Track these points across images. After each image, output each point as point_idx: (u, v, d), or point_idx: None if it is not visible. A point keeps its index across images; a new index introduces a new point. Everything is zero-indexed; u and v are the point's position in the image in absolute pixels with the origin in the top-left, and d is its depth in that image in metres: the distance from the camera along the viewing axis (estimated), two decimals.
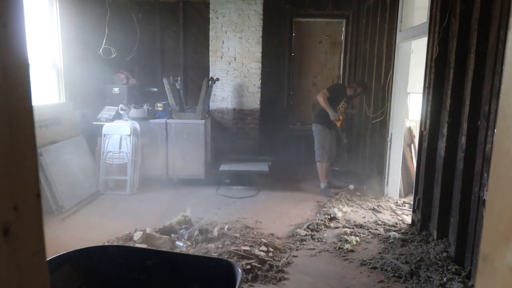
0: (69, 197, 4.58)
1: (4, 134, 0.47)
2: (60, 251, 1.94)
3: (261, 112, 6.42)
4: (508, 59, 0.48)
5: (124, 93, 5.84)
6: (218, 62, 6.28)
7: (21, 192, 0.50)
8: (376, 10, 5.61)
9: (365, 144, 6.12)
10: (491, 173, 0.51)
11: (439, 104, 3.63)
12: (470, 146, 3.10)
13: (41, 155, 4.31)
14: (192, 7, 6.55)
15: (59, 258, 1.88)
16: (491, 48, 2.85)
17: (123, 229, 3.80)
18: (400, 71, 4.81)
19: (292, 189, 5.55)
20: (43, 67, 4.93)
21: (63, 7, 5.04)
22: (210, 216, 4.38)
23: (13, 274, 0.48)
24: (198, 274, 1.94)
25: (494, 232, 0.49)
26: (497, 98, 2.70)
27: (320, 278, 3.10)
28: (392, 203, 4.90)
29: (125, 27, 6.34)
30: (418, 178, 4.04)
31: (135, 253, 2.11)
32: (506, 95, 0.47)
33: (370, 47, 5.90)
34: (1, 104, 0.46)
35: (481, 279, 0.52)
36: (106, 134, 5.32)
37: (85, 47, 5.57)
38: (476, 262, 2.92)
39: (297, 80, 7.14)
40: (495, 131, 0.49)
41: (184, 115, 5.67)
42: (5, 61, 0.46)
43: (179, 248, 3.47)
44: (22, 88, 0.49)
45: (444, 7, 3.45)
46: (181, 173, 5.63)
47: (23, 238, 0.50)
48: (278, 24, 6.73)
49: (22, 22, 0.49)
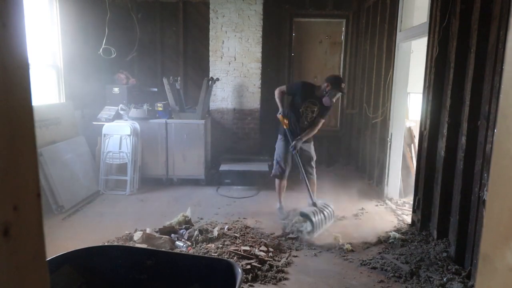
0: (69, 197, 4.58)
1: (4, 134, 0.47)
2: (60, 251, 1.94)
3: (261, 112, 6.41)
4: (508, 59, 0.48)
5: (124, 93, 5.84)
6: (218, 62, 6.28)
7: (21, 192, 0.50)
8: (376, 10, 5.61)
9: (365, 144, 6.11)
10: (491, 173, 0.51)
11: (439, 104, 3.63)
12: (470, 146, 3.10)
13: (41, 155, 4.31)
14: (192, 7, 6.55)
15: (59, 258, 1.88)
16: (491, 48, 2.85)
17: (123, 229, 3.80)
18: (400, 71, 4.81)
19: (292, 189, 5.54)
20: (43, 67, 4.93)
21: (63, 7, 5.04)
22: (210, 216, 4.38)
23: (13, 274, 0.48)
24: (198, 274, 1.94)
25: (494, 232, 0.49)
26: (497, 98, 2.70)
27: (320, 278, 3.10)
28: (392, 203, 4.90)
29: (125, 27, 6.34)
30: (418, 178, 4.04)
31: (135, 253, 2.11)
32: (506, 95, 0.47)
33: (370, 47, 5.90)
34: (1, 104, 0.46)
35: (481, 279, 0.52)
36: (106, 134, 5.32)
37: (85, 47, 5.57)
38: (476, 262, 2.92)
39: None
40: (495, 131, 0.49)
41: (184, 115, 5.67)
42: (5, 61, 0.46)
43: (179, 248, 3.47)
44: (22, 88, 0.49)
45: (444, 7, 3.45)
46: (181, 173, 5.63)
47: (23, 238, 0.50)
48: (278, 24, 6.73)
49: (22, 22, 0.49)
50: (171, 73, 6.14)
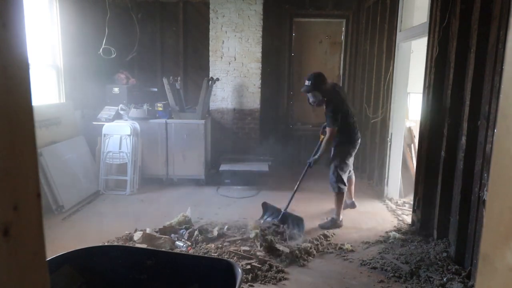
0: (69, 197, 4.58)
1: (4, 134, 0.47)
2: (60, 251, 1.94)
3: (261, 112, 6.42)
4: (508, 59, 0.48)
5: (124, 93, 5.84)
6: (218, 62, 6.28)
7: (21, 192, 0.49)
8: (376, 10, 5.61)
9: (364, 144, 6.11)
10: (491, 173, 0.51)
11: (439, 104, 3.63)
12: (470, 146, 3.10)
13: (41, 155, 4.31)
14: (192, 7, 6.55)
15: (59, 258, 1.88)
16: (491, 48, 2.85)
17: (123, 229, 3.80)
18: (400, 71, 4.81)
19: (292, 189, 5.54)
20: (43, 67, 4.93)
21: (63, 7, 5.04)
22: (210, 216, 4.38)
23: (13, 274, 0.48)
24: (198, 274, 1.94)
25: (494, 232, 0.49)
26: (497, 98, 2.70)
27: (320, 278, 3.10)
28: (392, 203, 4.90)
29: (125, 27, 6.34)
30: (418, 178, 4.03)
31: (135, 253, 2.11)
32: (506, 95, 0.47)
33: (370, 47, 5.90)
34: (1, 104, 0.46)
35: (481, 279, 0.52)
36: (106, 134, 5.32)
37: (85, 47, 5.57)
38: (476, 262, 2.92)
39: (297, 80, 7.13)
40: (495, 131, 0.49)
41: (184, 115, 5.67)
42: (5, 61, 0.46)
43: (179, 248, 3.47)
44: (22, 88, 0.49)
45: (444, 7, 3.45)
46: (181, 173, 5.63)
47: (23, 238, 0.50)
48: (278, 24, 6.73)
49: (22, 22, 0.49)
50: (171, 73, 6.14)
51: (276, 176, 5.95)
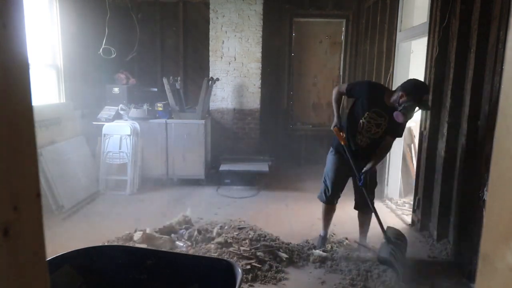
0: (69, 197, 4.58)
1: (4, 134, 0.47)
2: (60, 251, 1.94)
3: (261, 112, 6.41)
4: (508, 59, 0.48)
5: (124, 93, 5.83)
6: (218, 62, 6.28)
7: (21, 192, 0.50)
8: (376, 10, 5.61)
9: None
10: (491, 173, 0.51)
11: (439, 104, 3.63)
12: (470, 146, 3.10)
13: (41, 155, 4.31)
14: (192, 7, 6.55)
15: (59, 258, 1.88)
16: (491, 48, 2.85)
17: (123, 229, 3.79)
18: (400, 71, 4.81)
19: (292, 189, 5.55)
20: (43, 67, 4.93)
21: (63, 7, 5.04)
22: (210, 216, 4.38)
23: (13, 274, 0.48)
24: (198, 274, 1.94)
25: (494, 232, 0.49)
26: (497, 98, 2.70)
27: (320, 278, 3.10)
28: (392, 203, 4.90)
29: (125, 27, 6.34)
30: (418, 178, 4.04)
31: (135, 253, 2.11)
32: (506, 95, 0.47)
33: (370, 47, 5.90)
34: (1, 104, 0.46)
35: (481, 279, 0.52)
36: (106, 134, 5.32)
37: (85, 47, 5.57)
38: (476, 262, 2.92)
39: (297, 80, 7.13)
40: (495, 131, 0.49)
41: (184, 115, 5.67)
42: (5, 61, 0.46)
43: (179, 248, 3.46)
44: (22, 88, 0.49)
45: (444, 7, 3.45)
46: (181, 173, 5.63)
47: (23, 238, 0.50)
48: (278, 24, 6.73)
49: (22, 22, 0.49)
50: (171, 73, 6.14)
51: (276, 176, 5.95)
